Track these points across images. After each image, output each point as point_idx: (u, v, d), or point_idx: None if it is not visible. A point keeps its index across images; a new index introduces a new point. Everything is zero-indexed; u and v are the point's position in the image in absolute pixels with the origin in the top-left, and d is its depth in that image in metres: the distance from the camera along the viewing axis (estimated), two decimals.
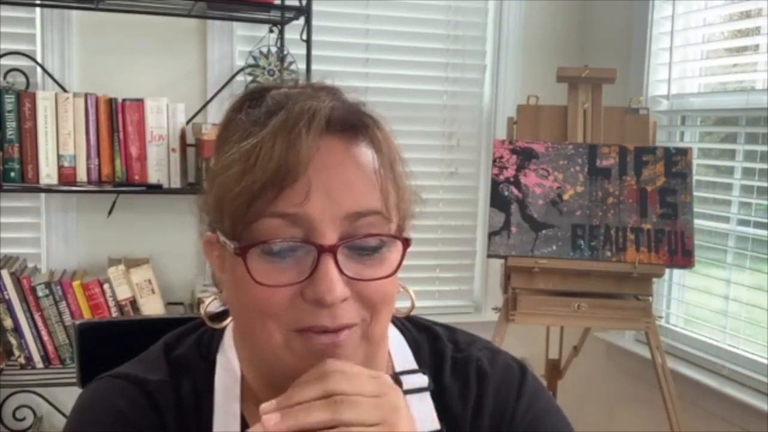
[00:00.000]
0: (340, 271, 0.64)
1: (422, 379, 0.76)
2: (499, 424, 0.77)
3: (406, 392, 0.73)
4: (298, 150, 0.63)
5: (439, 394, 0.76)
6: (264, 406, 0.61)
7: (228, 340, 0.77)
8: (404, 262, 0.73)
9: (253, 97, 0.71)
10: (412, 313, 0.79)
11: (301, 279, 0.64)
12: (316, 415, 0.59)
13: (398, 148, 0.72)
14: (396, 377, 0.76)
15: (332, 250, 0.64)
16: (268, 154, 0.64)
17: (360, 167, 0.66)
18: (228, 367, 0.75)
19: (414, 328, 0.82)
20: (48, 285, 2.00)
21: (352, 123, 0.67)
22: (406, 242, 0.69)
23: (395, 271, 0.67)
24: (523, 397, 0.78)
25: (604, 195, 1.86)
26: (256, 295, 0.65)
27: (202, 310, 0.76)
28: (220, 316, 0.77)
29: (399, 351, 0.79)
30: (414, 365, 0.78)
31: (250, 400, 0.74)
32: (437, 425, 0.75)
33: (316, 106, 0.66)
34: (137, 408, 0.72)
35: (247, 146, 0.65)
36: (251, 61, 2.27)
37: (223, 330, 0.77)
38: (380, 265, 0.67)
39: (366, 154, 0.67)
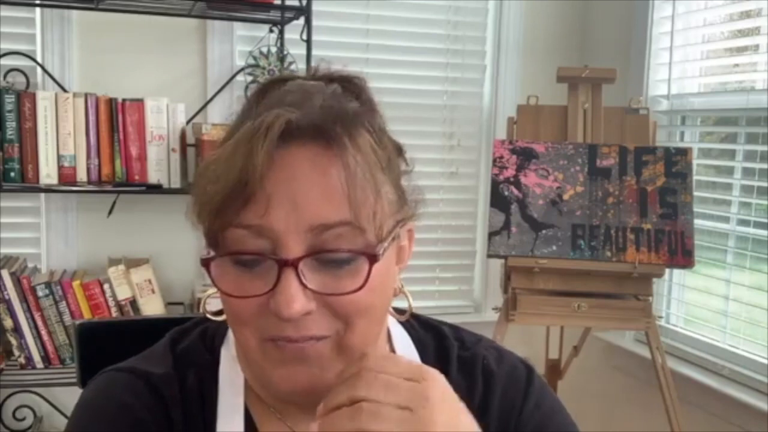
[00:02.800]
0: (303, 285, 0.63)
1: None
2: (507, 422, 0.77)
3: None
4: (254, 162, 0.62)
5: None
6: (318, 408, 0.61)
7: (231, 335, 0.77)
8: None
9: (266, 90, 0.71)
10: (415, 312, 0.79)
11: (265, 291, 0.64)
12: (342, 425, 0.59)
13: (383, 154, 0.68)
14: None
15: (294, 264, 0.63)
16: (229, 165, 0.63)
17: (327, 177, 0.63)
18: (231, 361, 0.75)
19: (420, 327, 0.82)
20: (48, 285, 2.00)
21: (319, 132, 0.64)
22: (373, 258, 0.65)
23: (362, 285, 0.64)
24: (530, 396, 0.78)
25: (604, 195, 1.86)
26: (229, 303, 0.67)
27: (202, 304, 0.77)
28: (222, 312, 0.78)
29: (404, 350, 0.79)
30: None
31: (253, 394, 0.75)
32: None
33: (275, 117, 0.64)
34: (142, 401, 0.72)
35: (216, 156, 0.66)
36: (251, 61, 2.27)
37: (227, 325, 0.77)
38: (351, 278, 0.64)
39: (335, 164, 0.64)
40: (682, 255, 1.79)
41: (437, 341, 0.81)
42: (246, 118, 0.67)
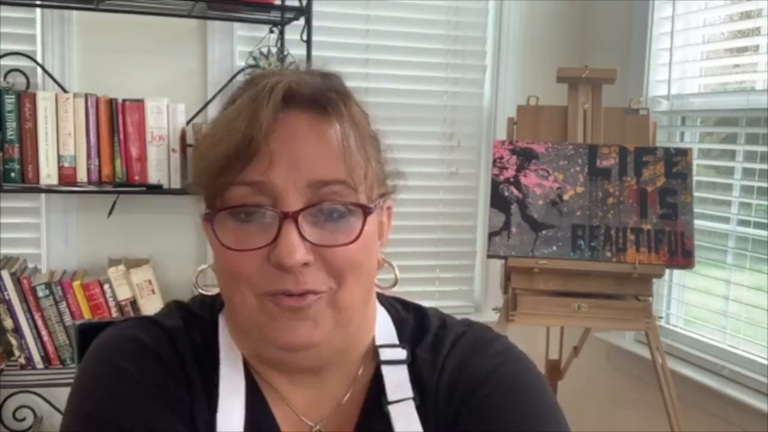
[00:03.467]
0: (303, 237, 0.67)
1: (400, 353, 0.79)
2: (457, 377, 0.77)
3: (384, 363, 0.78)
4: (259, 121, 0.67)
5: (413, 366, 0.79)
6: None
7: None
8: (405, 263, 0.74)
9: (256, 80, 0.74)
10: (397, 287, 0.82)
11: (265, 244, 0.68)
12: None
13: (369, 124, 0.75)
14: (375, 349, 0.79)
15: (294, 216, 0.67)
16: (234, 126, 0.68)
17: (324, 139, 0.69)
18: (227, 331, 0.78)
19: (402, 308, 0.85)
20: (48, 285, 2.00)
21: (318, 98, 0.70)
22: (368, 210, 0.70)
23: (357, 238, 0.69)
24: (488, 352, 0.78)
25: (604, 195, 1.86)
26: (229, 259, 0.70)
27: (195, 278, 0.80)
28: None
29: (383, 327, 0.82)
30: (395, 341, 0.81)
31: (248, 363, 0.77)
32: (411, 393, 0.77)
33: (277, 81, 0.70)
34: (161, 344, 0.75)
35: (218, 121, 0.72)
36: (251, 62, 2.27)
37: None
38: (345, 233, 0.69)
39: (331, 127, 0.70)
40: (682, 255, 1.79)
41: (417, 320, 0.84)
42: (227, 102, 0.73)
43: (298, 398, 0.77)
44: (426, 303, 0.81)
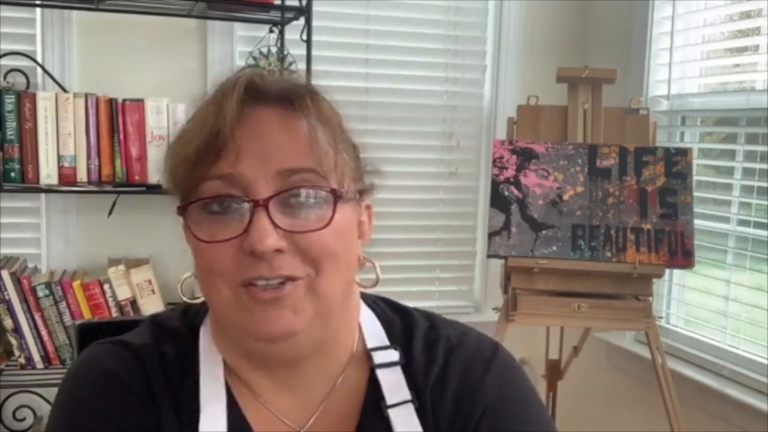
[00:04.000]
0: (274, 224, 0.68)
1: (393, 354, 0.80)
2: (464, 394, 0.78)
3: (378, 366, 0.78)
4: (224, 113, 0.69)
5: (407, 367, 0.79)
6: None
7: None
8: (405, 263, 0.74)
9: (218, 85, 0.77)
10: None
11: (238, 234, 0.69)
12: None
13: (340, 119, 0.75)
14: (368, 353, 0.79)
15: (264, 204, 0.68)
16: (202, 121, 0.71)
17: (292, 132, 0.71)
18: (210, 337, 0.79)
19: (387, 308, 0.85)
20: (48, 285, 2.00)
21: (284, 93, 0.72)
22: (338, 193, 0.71)
23: (328, 223, 0.70)
24: (492, 369, 0.79)
25: (604, 195, 1.86)
26: (203, 253, 0.71)
27: (179, 287, 0.80)
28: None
29: (371, 328, 0.82)
30: (386, 341, 0.81)
31: (228, 369, 0.78)
32: (409, 396, 0.77)
33: (239, 76, 0.72)
34: (126, 367, 0.75)
35: (192, 118, 0.74)
36: (251, 62, 2.27)
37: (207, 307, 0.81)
38: (316, 220, 0.70)
39: (299, 121, 0.71)
40: (682, 255, 1.79)
41: (404, 321, 0.84)
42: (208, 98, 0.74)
43: (280, 401, 0.77)
44: (426, 303, 0.82)
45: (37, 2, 2.12)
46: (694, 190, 1.87)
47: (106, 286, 2.04)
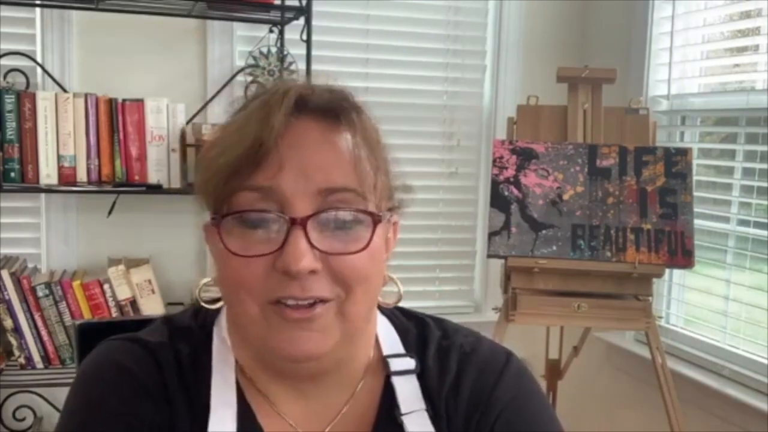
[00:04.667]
0: (311, 244, 0.66)
1: (409, 362, 0.79)
2: (477, 401, 0.78)
3: (394, 374, 0.77)
4: (270, 124, 0.66)
5: (421, 375, 0.79)
6: None
7: (223, 316, 0.80)
8: (405, 262, 0.74)
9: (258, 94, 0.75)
10: (401, 303, 0.81)
11: (272, 250, 0.67)
12: None
13: (380, 136, 0.74)
14: (384, 360, 0.79)
15: (302, 223, 0.66)
16: (244, 131, 0.68)
17: (335, 148, 0.68)
18: (222, 338, 0.78)
19: (403, 316, 0.85)
20: (48, 285, 2.00)
21: (331, 107, 0.70)
22: (377, 218, 0.69)
23: (366, 246, 0.68)
24: (505, 377, 0.79)
25: (604, 195, 1.86)
26: (233, 267, 0.68)
27: (197, 292, 0.78)
28: (216, 301, 0.80)
29: (387, 336, 0.81)
30: (401, 350, 0.80)
31: (244, 377, 0.77)
32: (423, 404, 0.77)
33: (289, 87, 0.70)
34: (141, 365, 0.74)
35: (226, 129, 0.71)
36: (251, 62, 2.27)
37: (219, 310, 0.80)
38: (353, 242, 0.68)
39: (343, 136, 0.69)
40: (682, 255, 1.79)
41: (419, 329, 0.83)
42: (247, 107, 0.72)
43: (295, 410, 0.77)
44: (426, 303, 0.81)
45: (37, 2, 2.12)
46: (694, 190, 1.87)
47: (106, 286, 2.04)
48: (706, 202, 2.19)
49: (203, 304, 0.78)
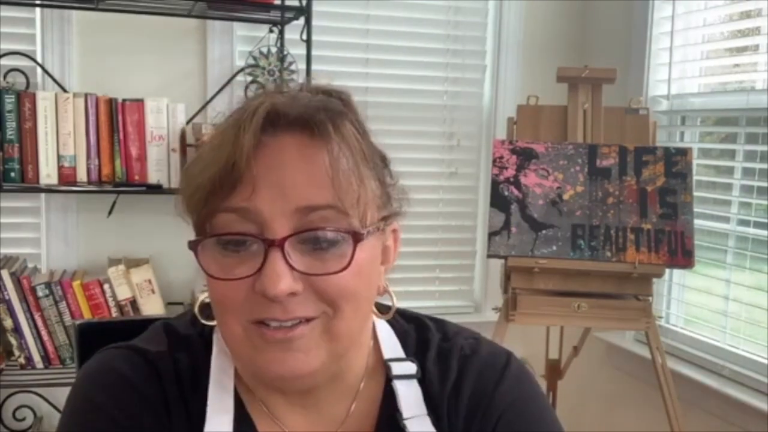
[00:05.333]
0: (290, 266, 0.65)
1: (410, 366, 0.78)
2: (478, 404, 0.77)
3: (395, 377, 0.76)
4: (240, 145, 0.65)
5: (422, 379, 0.78)
6: None
7: None
8: (404, 262, 0.73)
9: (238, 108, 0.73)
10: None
11: (251, 273, 0.65)
12: None
13: (365, 144, 0.70)
14: (384, 364, 0.78)
15: (280, 244, 0.65)
16: (217, 153, 0.66)
17: (313, 163, 0.66)
18: (222, 346, 0.77)
19: (402, 319, 0.84)
20: (48, 285, 2.00)
21: (305, 119, 0.67)
22: (359, 236, 0.67)
23: (347, 266, 0.66)
24: (505, 379, 0.79)
25: (604, 195, 1.86)
26: (216, 288, 0.68)
27: (196, 307, 0.77)
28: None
29: (387, 341, 0.80)
30: (402, 354, 0.80)
31: (243, 385, 0.76)
32: (425, 409, 0.76)
33: (261, 102, 0.67)
34: (140, 374, 0.74)
35: (207, 144, 0.70)
36: (251, 62, 2.27)
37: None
38: (335, 261, 0.66)
39: (319, 151, 0.66)
40: (682, 255, 1.79)
41: (419, 332, 0.82)
42: (227, 121, 0.70)
43: (294, 420, 0.76)
44: (426, 303, 0.81)
45: (37, 2, 2.12)
46: (694, 189, 1.87)
47: (106, 286, 2.04)
48: (706, 202, 2.19)
49: (203, 321, 0.76)
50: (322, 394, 0.76)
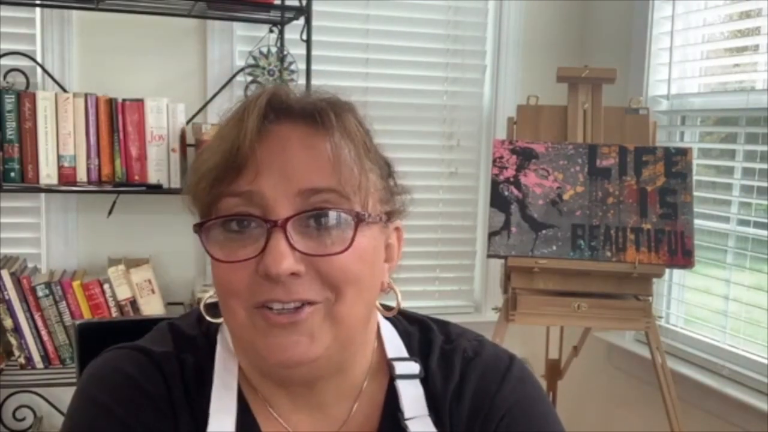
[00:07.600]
0: (291, 246, 0.66)
1: (413, 367, 0.79)
2: (480, 405, 0.77)
3: (399, 377, 0.77)
4: (244, 130, 0.67)
5: (425, 379, 0.78)
6: None
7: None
8: (405, 262, 0.73)
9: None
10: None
11: (255, 254, 0.67)
12: None
13: (367, 137, 0.73)
14: (388, 363, 0.78)
15: (282, 225, 0.66)
16: (223, 137, 0.69)
17: (315, 150, 0.68)
18: (226, 345, 0.77)
19: (405, 320, 0.84)
20: (48, 285, 2.00)
21: (308, 109, 0.69)
22: (361, 216, 0.68)
23: (348, 247, 0.67)
24: (507, 381, 0.79)
25: (604, 195, 1.86)
26: (220, 273, 0.69)
27: (201, 305, 0.78)
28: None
29: (391, 341, 0.81)
30: (405, 354, 0.80)
31: (248, 384, 0.76)
32: (426, 409, 0.77)
33: (263, 91, 0.70)
34: (146, 375, 0.74)
35: (209, 143, 0.72)
36: (251, 61, 2.27)
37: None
38: (336, 242, 0.68)
39: (323, 139, 0.69)
40: (682, 255, 1.79)
41: (422, 333, 0.83)
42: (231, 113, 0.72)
43: (298, 418, 0.76)
44: (426, 303, 0.81)
45: (37, 2, 2.12)
46: (694, 189, 1.87)
47: (106, 286, 2.04)
48: (706, 202, 2.19)
49: (208, 318, 0.77)
50: (325, 391, 0.76)
